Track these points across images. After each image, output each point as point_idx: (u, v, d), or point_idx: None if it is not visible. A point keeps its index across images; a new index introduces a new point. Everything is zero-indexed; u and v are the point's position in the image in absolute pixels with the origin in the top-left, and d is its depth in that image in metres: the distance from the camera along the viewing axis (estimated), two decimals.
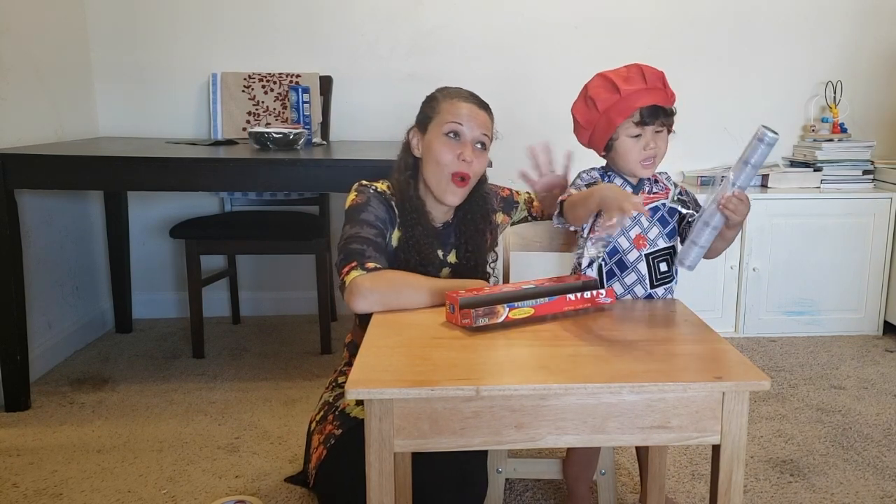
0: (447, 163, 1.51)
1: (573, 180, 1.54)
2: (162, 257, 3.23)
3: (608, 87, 1.43)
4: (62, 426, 2.20)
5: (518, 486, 1.89)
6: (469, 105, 1.54)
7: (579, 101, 1.50)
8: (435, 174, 1.53)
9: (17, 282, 2.25)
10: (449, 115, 1.52)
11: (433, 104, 1.57)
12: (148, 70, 3.07)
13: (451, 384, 1.04)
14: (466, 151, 1.51)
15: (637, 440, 1.10)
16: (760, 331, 3.02)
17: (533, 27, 3.13)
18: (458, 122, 1.52)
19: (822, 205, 2.98)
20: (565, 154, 1.72)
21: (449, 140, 1.52)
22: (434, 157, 1.53)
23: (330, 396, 1.66)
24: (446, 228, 1.63)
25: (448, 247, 1.62)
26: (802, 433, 2.19)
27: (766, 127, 1.32)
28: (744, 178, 1.36)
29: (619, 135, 1.44)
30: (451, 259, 1.62)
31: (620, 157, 1.47)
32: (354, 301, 1.37)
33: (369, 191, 1.55)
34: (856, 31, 3.22)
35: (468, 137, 1.52)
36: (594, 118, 1.45)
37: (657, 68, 1.46)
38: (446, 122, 1.52)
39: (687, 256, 1.40)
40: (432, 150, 1.53)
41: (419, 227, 1.54)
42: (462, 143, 1.52)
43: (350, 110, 3.13)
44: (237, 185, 2.46)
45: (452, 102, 1.54)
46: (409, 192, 1.56)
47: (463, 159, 1.51)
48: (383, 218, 1.52)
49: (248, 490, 1.85)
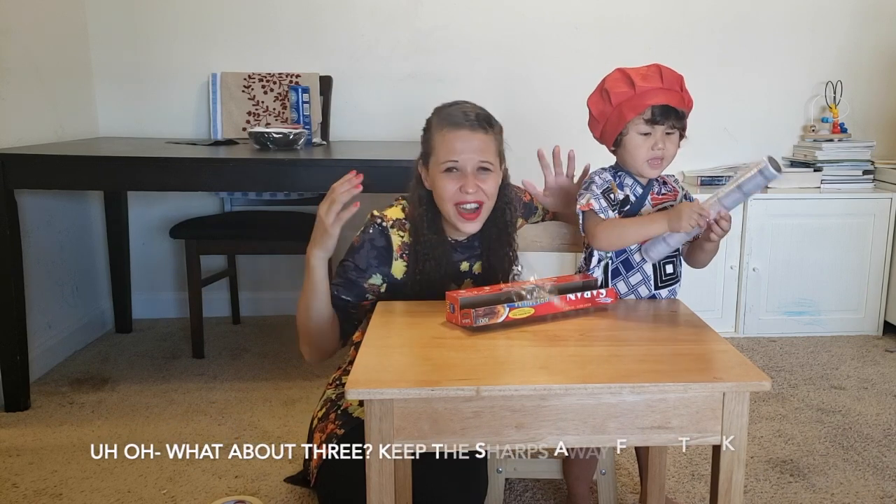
0: (450, 197, 1.49)
1: (586, 184, 1.52)
2: (162, 257, 3.22)
3: (624, 82, 1.43)
4: (62, 426, 2.20)
5: (518, 486, 1.89)
6: (461, 134, 1.47)
7: (595, 93, 1.50)
8: (444, 208, 1.52)
9: (17, 282, 2.25)
10: (442, 152, 1.48)
11: (428, 136, 1.53)
12: (148, 70, 3.07)
13: (452, 384, 1.04)
14: (468, 184, 1.47)
15: (637, 440, 1.10)
16: (760, 331, 3.02)
17: (533, 27, 3.12)
18: (453, 159, 1.47)
19: (822, 205, 2.98)
20: (569, 154, 1.72)
21: (449, 174, 1.48)
22: (438, 194, 1.51)
23: (333, 394, 1.66)
24: (471, 240, 1.61)
25: (473, 258, 1.61)
26: (802, 433, 2.19)
27: (772, 160, 1.33)
28: (731, 201, 1.37)
29: (628, 130, 1.44)
30: (477, 269, 1.61)
31: (628, 153, 1.47)
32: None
33: (370, 230, 1.56)
34: (856, 31, 3.22)
35: (468, 169, 1.48)
36: (607, 111, 1.45)
37: (677, 71, 1.45)
38: (442, 161, 1.48)
39: (653, 249, 1.44)
40: (436, 187, 1.51)
41: (431, 261, 1.53)
42: (462, 175, 1.48)
43: (350, 110, 3.13)
44: (237, 185, 2.47)
45: (444, 136, 1.48)
46: (423, 230, 1.54)
47: (466, 192, 1.47)
48: (363, 267, 1.54)
49: (248, 490, 1.85)
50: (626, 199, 1.49)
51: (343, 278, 1.55)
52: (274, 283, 3.28)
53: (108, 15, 3.01)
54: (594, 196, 1.47)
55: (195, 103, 3.10)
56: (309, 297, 1.49)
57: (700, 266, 1.55)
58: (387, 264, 1.55)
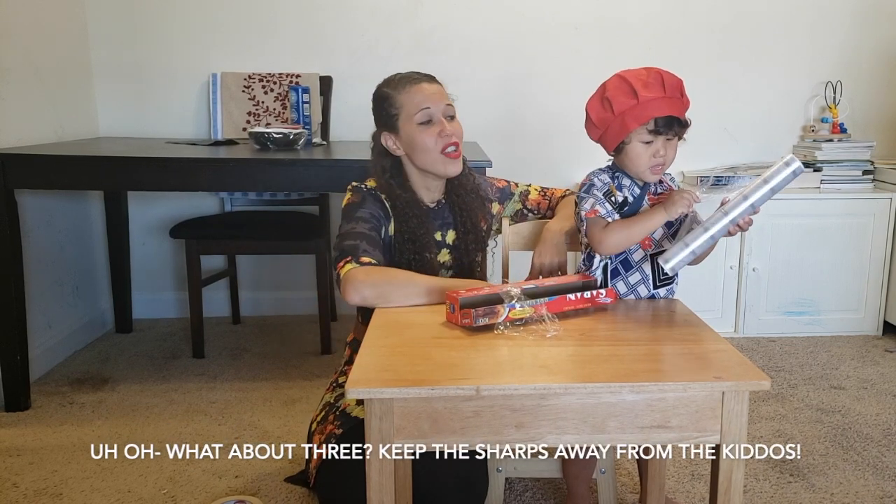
0: (434, 145, 1.56)
1: (586, 187, 1.51)
2: (162, 257, 3.23)
3: (626, 91, 1.41)
4: (62, 426, 2.20)
5: (518, 486, 1.89)
6: (423, 85, 1.58)
7: (595, 100, 1.47)
8: (428, 159, 1.58)
9: (17, 282, 2.25)
10: (413, 105, 1.56)
11: (388, 103, 1.60)
12: (148, 70, 3.07)
13: (452, 384, 1.04)
14: (445, 128, 1.56)
15: (637, 440, 1.10)
16: (760, 331, 3.02)
17: (533, 27, 3.12)
18: (426, 106, 1.56)
19: (822, 205, 2.98)
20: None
21: (426, 127, 1.56)
22: (420, 147, 1.57)
23: (331, 397, 1.67)
24: (440, 207, 1.66)
25: (445, 226, 1.65)
26: (802, 433, 2.19)
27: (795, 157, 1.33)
28: (760, 199, 1.37)
29: (631, 139, 1.43)
30: (450, 239, 1.65)
31: (630, 160, 1.46)
32: (348, 292, 1.40)
33: (363, 189, 1.60)
34: (856, 31, 3.22)
35: (439, 115, 1.57)
36: (608, 119, 1.44)
37: (676, 76, 1.44)
38: (415, 113, 1.56)
39: (675, 257, 1.36)
40: (416, 142, 1.57)
41: (413, 219, 1.58)
42: (437, 122, 1.56)
43: (350, 110, 3.13)
44: (237, 185, 2.47)
45: (408, 91, 1.57)
46: (395, 191, 1.60)
47: (446, 135, 1.56)
48: (378, 214, 1.56)
49: (248, 490, 1.85)
50: (625, 200, 1.49)
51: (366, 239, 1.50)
52: (274, 283, 3.29)
53: (108, 15, 3.01)
54: (598, 201, 1.46)
55: (195, 103, 3.10)
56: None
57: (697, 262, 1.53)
58: (387, 219, 1.58)
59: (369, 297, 1.39)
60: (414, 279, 1.43)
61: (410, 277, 1.44)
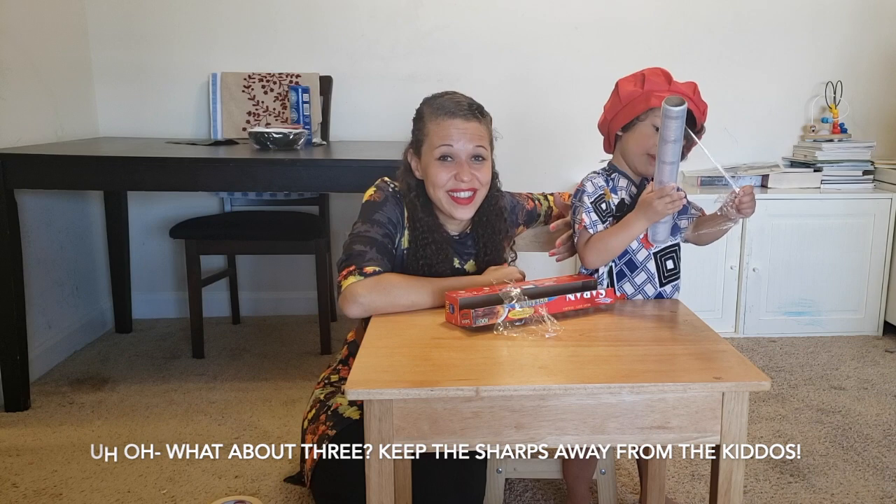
0: (444, 185, 1.49)
1: (578, 194, 1.52)
2: (162, 257, 3.23)
3: (662, 79, 1.49)
4: (62, 426, 2.20)
5: (518, 486, 1.89)
6: (456, 121, 1.47)
7: (628, 77, 1.53)
8: (436, 196, 1.51)
9: (17, 282, 2.25)
10: (437, 138, 1.48)
11: (421, 125, 1.52)
12: (148, 70, 3.07)
13: (451, 384, 1.04)
14: (463, 172, 1.47)
15: (637, 440, 1.10)
16: (760, 331, 3.02)
17: (533, 27, 3.12)
18: (448, 143, 1.47)
19: (822, 205, 2.98)
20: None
21: (442, 162, 1.48)
22: (431, 181, 1.50)
23: (321, 394, 1.66)
24: (463, 238, 1.60)
25: (466, 256, 1.60)
26: (802, 433, 2.19)
27: (668, 98, 1.30)
28: (666, 155, 1.35)
29: (646, 117, 1.46)
30: (469, 268, 1.59)
31: (634, 140, 1.48)
32: (348, 307, 1.39)
33: (388, 189, 1.54)
34: (856, 31, 3.22)
35: (462, 156, 1.48)
36: (634, 93, 1.48)
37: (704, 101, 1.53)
38: (436, 147, 1.48)
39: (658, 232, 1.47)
40: (429, 175, 1.50)
41: (431, 245, 1.52)
42: (457, 163, 1.48)
43: (350, 110, 3.13)
44: (237, 185, 2.46)
45: (439, 123, 1.48)
46: (418, 213, 1.53)
47: (461, 180, 1.47)
48: (395, 221, 1.51)
49: (248, 490, 1.85)
50: (622, 202, 1.50)
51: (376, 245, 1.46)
52: (274, 283, 3.29)
53: (108, 15, 3.01)
54: (586, 210, 1.48)
55: (195, 103, 3.10)
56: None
57: (707, 242, 1.54)
58: (402, 228, 1.53)
59: (369, 312, 1.39)
60: (411, 291, 1.41)
61: (409, 288, 1.41)
